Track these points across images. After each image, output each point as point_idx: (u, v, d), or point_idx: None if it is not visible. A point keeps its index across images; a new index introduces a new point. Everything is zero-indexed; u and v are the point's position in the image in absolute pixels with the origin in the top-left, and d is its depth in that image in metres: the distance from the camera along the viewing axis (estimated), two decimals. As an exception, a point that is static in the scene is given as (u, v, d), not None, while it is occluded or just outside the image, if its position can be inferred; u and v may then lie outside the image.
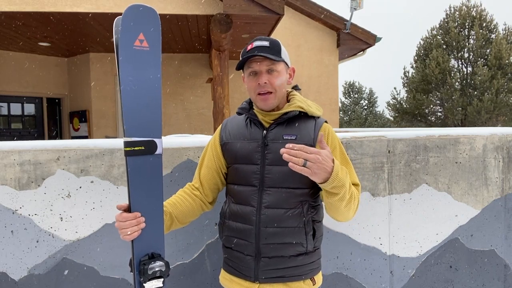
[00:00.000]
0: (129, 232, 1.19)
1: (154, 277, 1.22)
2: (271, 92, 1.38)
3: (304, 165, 1.11)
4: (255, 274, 1.38)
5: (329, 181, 1.16)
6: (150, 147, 1.21)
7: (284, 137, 1.37)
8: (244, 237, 1.39)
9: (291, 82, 1.48)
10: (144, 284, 1.21)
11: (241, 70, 1.48)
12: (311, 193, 1.38)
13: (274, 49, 1.37)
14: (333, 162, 1.17)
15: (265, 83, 1.36)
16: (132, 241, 1.22)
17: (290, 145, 1.13)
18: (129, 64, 1.16)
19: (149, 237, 1.24)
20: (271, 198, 1.36)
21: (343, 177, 1.19)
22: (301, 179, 1.33)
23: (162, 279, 1.23)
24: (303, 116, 1.42)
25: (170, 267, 1.29)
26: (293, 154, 1.12)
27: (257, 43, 1.37)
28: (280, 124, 1.41)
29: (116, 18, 1.18)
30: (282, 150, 1.13)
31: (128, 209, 1.23)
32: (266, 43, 1.37)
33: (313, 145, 1.36)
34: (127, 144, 1.17)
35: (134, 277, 1.23)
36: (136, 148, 1.18)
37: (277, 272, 1.37)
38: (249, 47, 1.39)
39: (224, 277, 1.51)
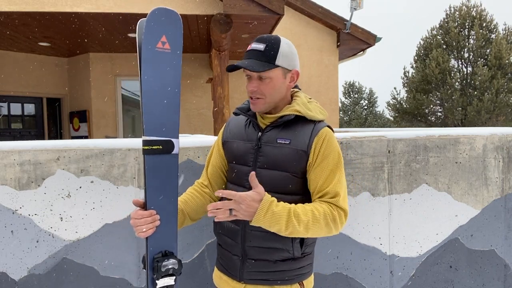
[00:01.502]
0: (144, 230, 1.20)
1: (166, 274, 1.23)
2: (260, 98, 1.34)
3: (230, 214, 1.19)
4: (240, 274, 1.38)
5: (253, 222, 1.21)
6: (168, 147, 1.24)
7: (278, 141, 1.34)
8: (232, 237, 1.40)
9: (292, 86, 1.41)
10: (156, 281, 1.23)
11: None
12: (301, 200, 1.33)
13: (268, 55, 1.30)
14: (260, 203, 1.20)
15: (254, 90, 1.33)
16: (146, 238, 1.24)
17: (211, 206, 1.19)
18: (151, 64, 1.19)
19: (163, 235, 1.26)
20: None
21: (267, 220, 1.21)
22: (291, 185, 1.32)
23: (174, 277, 1.25)
24: (302, 119, 1.36)
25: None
26: (218, 207, 1.18)
27: (253, 46, 1.33)
28: (276, 127, 1.37)
29: (139, 20, 1.22)
30: (208, 208, 1.18)
31: (143, 206, 1.24)
32: (261, 47, 1.31)
33: (306, 151, 1.31)
34: (145, 143, 1.20)
35: (147, 273, 1.25)
36: (154, 147, 1.21)
37: (262, 274, 1.36)
38: (247, 48, 1.35)
39: (215, 274, 1.53)
